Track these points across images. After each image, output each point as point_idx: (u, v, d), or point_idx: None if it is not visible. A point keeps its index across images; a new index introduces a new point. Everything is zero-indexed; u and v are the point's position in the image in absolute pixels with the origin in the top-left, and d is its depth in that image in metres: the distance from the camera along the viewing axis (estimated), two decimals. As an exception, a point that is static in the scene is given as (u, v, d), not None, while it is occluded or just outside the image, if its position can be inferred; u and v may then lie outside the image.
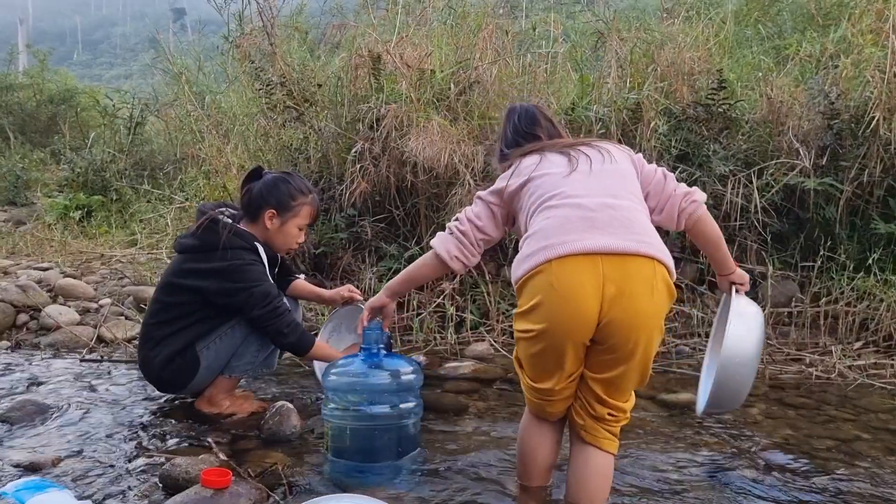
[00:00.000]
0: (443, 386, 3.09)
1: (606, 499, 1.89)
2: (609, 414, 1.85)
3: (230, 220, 2.61)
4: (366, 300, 2.48)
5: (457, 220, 2.05)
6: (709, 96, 4.29)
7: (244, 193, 2.67)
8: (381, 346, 2.25)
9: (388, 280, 2.43)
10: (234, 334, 2.59)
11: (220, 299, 2.54)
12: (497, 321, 3.85)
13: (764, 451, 2.49)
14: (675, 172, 4.04)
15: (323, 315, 3.82)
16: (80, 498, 1.93)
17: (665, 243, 4.13)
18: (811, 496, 2.13)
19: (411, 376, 2.25)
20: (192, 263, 2.56)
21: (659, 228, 1.91)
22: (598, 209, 1.78)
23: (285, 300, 2.70)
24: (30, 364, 3.35)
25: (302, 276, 3.04)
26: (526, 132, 2.11)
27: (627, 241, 1.73)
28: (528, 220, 1.87)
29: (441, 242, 2.02)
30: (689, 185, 4.04)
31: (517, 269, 1.82)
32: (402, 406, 2.23)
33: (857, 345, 3.68)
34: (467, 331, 3.84)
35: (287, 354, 2.92)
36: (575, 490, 1.88)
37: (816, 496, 2.14)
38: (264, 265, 2.60)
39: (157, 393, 2.86)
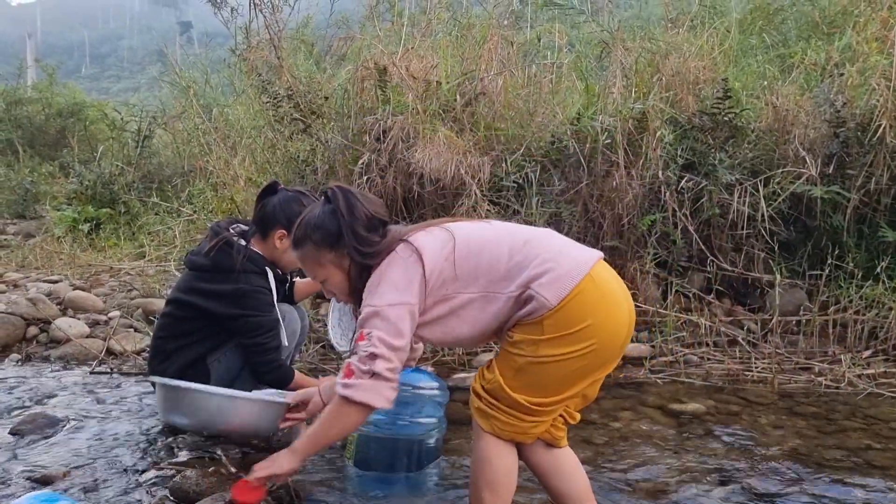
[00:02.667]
0: (451, 397, 3.08)
1: None
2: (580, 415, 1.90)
3: (243, 242, 2.61)
4: None
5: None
6: (714, 105, 4.30)
7: (259, 208, 2.66)
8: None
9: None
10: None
11: (223, 322, 2.56)
12: (504, 331, 3.84)
13: (773, 460, 2.48)
14: (681, 182, 4.10)
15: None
16: (91, 511, 1.94)
17: (672, 251, 4.09)
18: (822, 506, 2.13)
19: (437, 392, 2.28)
20: (202, 283, 2.57)
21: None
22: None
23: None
24: (40, 377, 3.37)
25: (296, 277, 3.02)
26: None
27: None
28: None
29: None
30: (696, 195, 4.10)
31: (550, 290, 1.67)
32: (425, 420, 2.26)
33: (867, 353, 3.66)
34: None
35: (297, 366, 2.93)
36: (577, 487, 1.88)
37: (827, 506, 2.13)
38: (272, 292, 2.60)
39: (167, 405, 2.88)
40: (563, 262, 1.70)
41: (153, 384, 2.34)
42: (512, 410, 1.74)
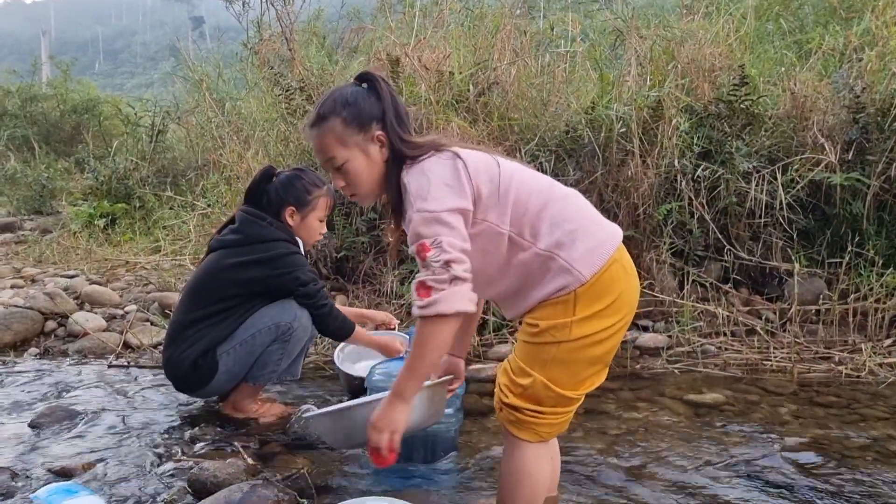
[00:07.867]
0: (466, 388, 3.07)
1: None
2: None
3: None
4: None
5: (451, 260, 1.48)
6: (731, 92, 4.25)
7: (262, 195, 2.71)
8: None
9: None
10: (254, 342, 2.60)
11: (263, 287, 2.60)
12: (519, 322, 3.82)
13: (794, 451, 2.45)
14: (697, 170, 4.05)
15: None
16: (109, 502, 1.95)
17: (689, 240, 4.03)
18: (843, 496, 2.10)
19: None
20: (236, 257, 2.60)
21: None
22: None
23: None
24: (58, 370, 3.40)
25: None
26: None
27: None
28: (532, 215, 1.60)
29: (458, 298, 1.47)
30: (713, 183, 4.05)
31: (584, 263, 1.56)
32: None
33: (888, 342, 3.61)
34: (490, 333, 3.82)
35: (311, 359, 2.93)
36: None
37: (848, 496, 2.10)
38: (304, 256, 2.71)
39: (184, 397, 2.89)
40: (596, 231, 1.60)
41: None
42: (557, 408, 1.62)
